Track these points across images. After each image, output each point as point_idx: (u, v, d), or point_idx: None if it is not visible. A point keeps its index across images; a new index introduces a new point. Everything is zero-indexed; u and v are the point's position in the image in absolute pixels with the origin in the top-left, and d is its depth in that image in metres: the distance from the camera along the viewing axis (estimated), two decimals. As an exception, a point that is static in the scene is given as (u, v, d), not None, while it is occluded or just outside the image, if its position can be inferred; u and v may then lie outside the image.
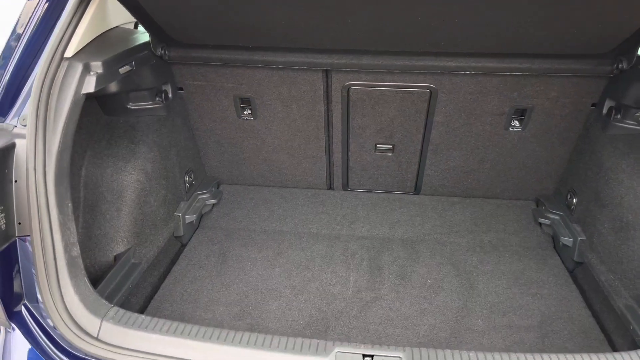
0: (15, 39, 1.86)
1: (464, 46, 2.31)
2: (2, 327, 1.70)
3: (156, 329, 1.63)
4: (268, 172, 3.17)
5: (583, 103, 2.57)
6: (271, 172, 3.17)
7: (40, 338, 1.64)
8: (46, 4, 1.91)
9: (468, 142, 2.82)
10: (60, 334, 1.61)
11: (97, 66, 1.86)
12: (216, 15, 2.16)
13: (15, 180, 1.67)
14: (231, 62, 2.59)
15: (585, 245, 2.47)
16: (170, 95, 2.66)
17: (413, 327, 2.19)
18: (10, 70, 1.81)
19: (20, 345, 1.66)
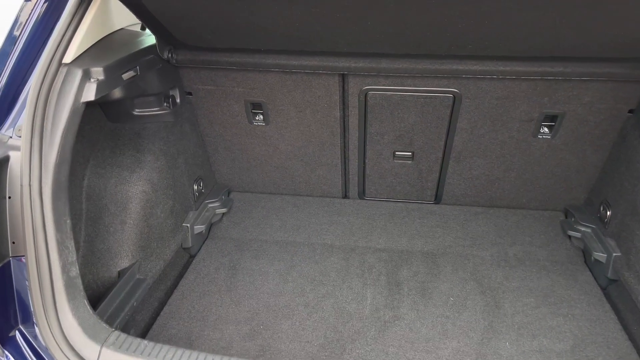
0: (11, 43, 1.75)
1: (493, 49, 2.16)
2: (-5, 354, 1.61)
3: (159, 357, 1.53)
4: (280, 180, 3.04)
5: (619, 109, 2.41)
6: (284, 180, 3.04)
7: (35, 367, 1.55)
8: (45, 5, 1.79)
9: (493, 150, 2.67)
10: (56, 363, 1.51)
11: (98, 72, 1.74)
12: (226, 17, 2.03)
13: (9, 196, 1.58)
14: (242, 66, 2.46)
15: (620, 261, 2.30)
16: (178, 100, 2.54)
17: (435, 351, 2.06)
18: (5, 76, 1.71)
19: (13, 374, 1.56)
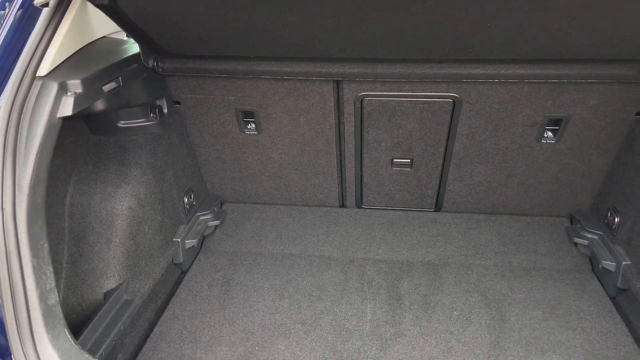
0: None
1: (496, 53, 2.06)
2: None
3: None
4: (275, 190, 2.93)
5: (626, 112, 2.32)
6: (278, 190, 2.93)
7: (10, 405, 1.43)
8: (18, 12, 1.68)
9: (495, 156, 2.57)
10: (33, 401, 1.40)
11: (76, 85, 1.63)
12: (214, 24, 1.92)
13: None
14: (232, 74, 2.36)
15: (630, 270, 2.21)
16: (165, 110, 2.43)
17: None
18: (-24, 91, 1.60)
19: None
